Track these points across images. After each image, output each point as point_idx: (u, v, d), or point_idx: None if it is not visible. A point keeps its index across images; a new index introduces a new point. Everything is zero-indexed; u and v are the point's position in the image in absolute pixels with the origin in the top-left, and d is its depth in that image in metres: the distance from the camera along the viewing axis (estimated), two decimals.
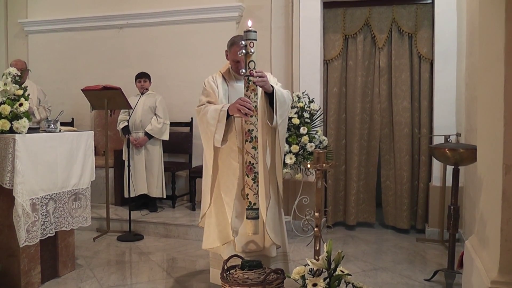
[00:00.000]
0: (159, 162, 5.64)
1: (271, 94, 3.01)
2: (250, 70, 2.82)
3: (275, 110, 3.03)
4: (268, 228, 3.16)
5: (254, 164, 2.85)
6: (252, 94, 2.85)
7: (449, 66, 4.85)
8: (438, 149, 3.59)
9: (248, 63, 2.82)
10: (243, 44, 2.80)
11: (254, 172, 2.86)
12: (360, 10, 5.26)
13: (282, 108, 3.09)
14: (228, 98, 3.24)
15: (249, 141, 2.85)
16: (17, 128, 3.33)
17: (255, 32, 2.81)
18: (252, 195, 2.86)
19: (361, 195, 5.40)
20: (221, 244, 3.23)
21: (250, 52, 2.80)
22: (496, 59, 2.14)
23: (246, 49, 2.80)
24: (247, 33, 2.81)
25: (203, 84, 3.32)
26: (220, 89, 3.25)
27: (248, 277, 2.72)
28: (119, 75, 6.20)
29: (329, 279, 2.63)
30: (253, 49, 2.79)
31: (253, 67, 2.82)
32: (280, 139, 3.17)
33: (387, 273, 3.94)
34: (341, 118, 5.43)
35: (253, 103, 2.84)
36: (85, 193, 3.96)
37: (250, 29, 2.82)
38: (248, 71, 2.82)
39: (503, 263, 2.07)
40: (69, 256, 3.93)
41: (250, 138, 2.85)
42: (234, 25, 5.80)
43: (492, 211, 2.24)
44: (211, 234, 3.29)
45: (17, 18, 6.79)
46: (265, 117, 3.08)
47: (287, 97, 3.18)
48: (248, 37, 2.80)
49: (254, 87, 2.85)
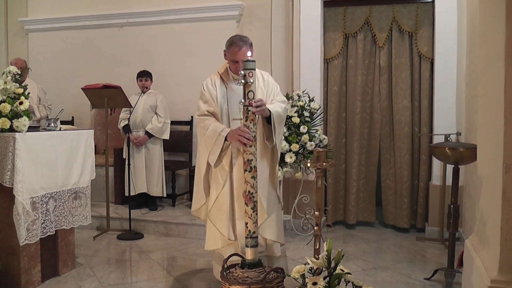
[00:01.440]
0: (160, 161, 5.64)
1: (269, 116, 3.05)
2: (250, 101, 2.80)
3: (274, 131, 3.08)
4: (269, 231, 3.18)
5: (253, 194, 2.84)
6: (251, 124, 2.84)
7: (450, 65, 4.85)
8: (438, 148, 3.59)
9: (247, 93, 2.80)
10: (242, 74, 2.78)
11: (253, 201, 2.84)
12: (361, 9, 5.25)
13: (279, 127, 3.15)
14: (226, 100, 3.23)
15: (248, 170, 2.83)
16: (17, 127, 3.33)
17: (253, 62, 2.79)
18: (252, 223, 2.84)
19: (361, 194, 5.40)
20: (222, 247, 3.24)
21: (249, 82, 2.78)
22: (497, 58, 2.14)
23: (245, 79, 2.77)
24: (246, 63, 2.78)
25: (202, 88, 3.30)
26: (218, 91, 3.24)
27: (248, 276, 2.72)
28: (119, 74, 6.20)
29: (329, 278, 2.63)
30: (252, 79, 2.77)
31: (252, 97, 2.80)
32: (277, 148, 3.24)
33: (387, 272, 3.94)
34: (341, 117, 5.43)
35: (252, 133, 2.83)
36: (85, 192, 3.96)
37: (249, 59, 2.80)
38: (247, 101, 2.80)
39: (503, 262, 2.07)
40: (69, 255, 3.93)
41: (249, 168, 2.83)
42: (234, 23, 5.80)
43: (492, 210, 2.24)
44: (213, 235, 3.29)
45: (17, 16, 6.79)
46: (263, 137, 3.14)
47: (284, 113, 3.22)
48: (247, 67, 2.77)
49: (253, 117, 2.84)
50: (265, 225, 3.18)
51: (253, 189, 2.84)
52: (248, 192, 2.84)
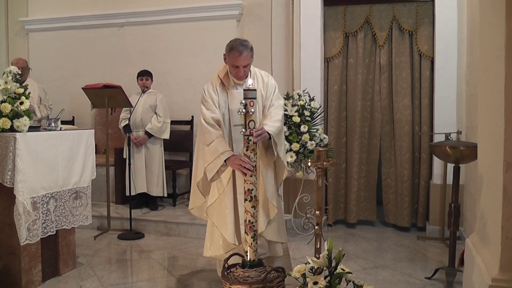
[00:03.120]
0: (160, 161, 5.64)
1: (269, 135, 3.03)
2: (250, 130, 2.78)
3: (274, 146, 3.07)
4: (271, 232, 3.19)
5: (253, 223, 2.83)
6: (252, 153, 2.82)
7: (450, 64, 4.85)
8: (438, 147, 3.59)
9: (248, 123, 2.78)
10: (243, 103, 2.75)
11: (253, 230, 2.83)
12: (361, 8, 5.25)
13: (279, 140, 3.15)
14: (228, 106, 3.22)
15: (249, 200, 2.82)
16: (18, 127, 3.33)
17: (254, 91, 2.78)
18: (252, 252, 2.84)
19: (361, 193, 5.40)
20: (224, 253, 3.20)
21: (250, 112, 2.75)
22: (497, 56, 2.14)
23: (246, 108, 2.75)
24: (247, 92, 2.76)
25: (203, 92, 3.25)
26: (220, 97, 3.22)
27: (249, 275, 2.72)
28: (120, 74, 6.19)
29: (329, 277, 2.63)
30: (253, 108, 2.75)
31: (253, 126, 2.78)
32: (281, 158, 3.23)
33: (387, 271, 3.94)
34: (341, 116, 5.42)
35: (253, 162, 2.82)
36: (85, 192, 3.96)
37: (250, 88, 2.78)
38: (248, 131, 2.78)
39: (504, 261, 2.07)
40: (70, 255, 3.93)
41: (250, 198, 2.82)
42: (234, 23, 5.80)
43: (493, 209, 2.24)
44: (214, 241, 3.26)
45: (18, 16, 6.78)
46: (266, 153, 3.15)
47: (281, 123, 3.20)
48: (248, 96, 2.75)
49: (254, 147, 2.83)
50: (270, 228, 3.18)
51: (254, 219, 2.82)
52: (249, 222, 2.83)
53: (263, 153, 3.17)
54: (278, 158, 3.20)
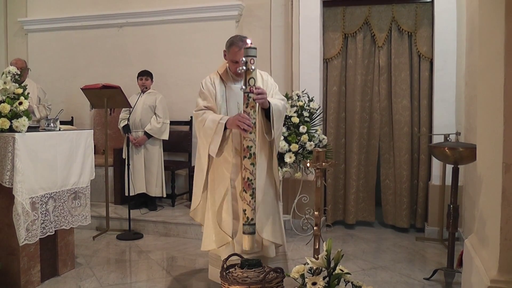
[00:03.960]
0: (159, 161, 5.63)
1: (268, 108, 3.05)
2: (250, 87, 2.82)
3: (272, 124, 3.07)
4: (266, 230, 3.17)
5: (252, 180, 2.85)
6: (251, 111, 2.86)
7: (449, 65, 4.85)
8: (437, 148, 3.59)
9: (248, 80, 2.82)
10: (243, 60, 2.80)
11: (252, 188, 2.86)
12: (360, 9, 5.26)
13: (278, 122, 3.14)
14: (225, 100, 3.24)
15: (248, 157, 2.85)
16: (17, 127, 3.33)
17: (255, 49, 2.81)
18: (250, 210, 2.86)
19: (360, 194, 5.40)
20: (217, 247, 3.23)
21: (250, 69, 2.80)
22: (496, 58, 2.14)
23: (247, 65, 2.79)
24: (248, 50, 2.80)
25: (201, 85, 3.31)
26: (217, 90, 3.24)
27: (248, 276, 2.72)
28: (119, 74, 6.20)
29: (328, 278, 2.63)
30: (253, 66, 2.79)
31: (253, 84, 2.82)
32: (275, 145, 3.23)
33: (386, 272, 3.94)
34: (340, 117, 5.43)
35: (252, 119, 2.85)
36: (84, 192, 3.95)
37: (251, 46, 2.82)
38: (248, 88, 2.82)
39: (502, 262, 2.07)
40: (68, 255, 3.93)
41: (249, 155, 2.85)
42: (233, 23, 5.80)
43: (492, 210, 2.24)
44: (208, 236, 3.29)
45: (17, 16, 6.78)
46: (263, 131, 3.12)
47: (283, 109, 3.22)
48: (248, 54, 2.79)
49: (253, 104, 2.87)
50: (263, 224, 3.17)
51: (252, 176, 2.86)
52: (247, 179, 2.85)
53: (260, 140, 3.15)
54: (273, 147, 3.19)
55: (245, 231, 2.88)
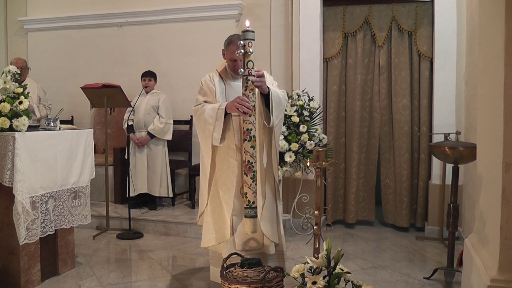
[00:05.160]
0: (163, 161, 5.62)
1: (267, 95, 3.03)
2: (249, 70, 2.83)
3: (271, 111, 3.05)
4: (264, 227, 3.16)
5: (252, 163, 2.87)
6: (250, 93, 2.87)
7: (449, 64, 4.85)
8: (437, 147, 3.59)
9: (246, 63, 2.83)
10: (241, 44, 2.81)
11: (252, 171, 2.88)
12: (360, 8, 5.25)
13: (278, 109, 3.11)
14: (225, 97, 3.25)
15: (248, 140, 2.86)
16: (17, 126, 3.33)
17: (253, 32, 2.84)
18: (251, 193, 2.87)
19: (360, 193, 5.40)
20: (217, 243, 3.24)
21: (248, 52, 2.81)
22: (496, 57, 2.14)
23: (245, 48, 2.81)
24: (245, 33, 2.82)
25: (200, 83, 3.32)
26: (217, 88, 3.25)
27: (248, 275, 2.72)
28: (119, 73, 6.20)
29: (328, 277, 2.63)
30: (251, 48, 2.81)
31: (252, 66, 2.83)
32: (276, 138, 3.19)
33: (386, 271, 3.94)
34: (340, 116, 5.43)
35: (252, 102, 2.86)
36: (84, 191, 3.96)
37: (248, 29, 2.84)
38: (246, 71, 2.83)
39: (502, 261, 2.07)
40: (68, 254, 3.93)
41: (249, 138, 2.86)
42: (233, 23, 5.80)
43: (492, 209, 2.24)
44: (208, 232, 3.30)
45: (17, 16, 6.78)
46: (262, 118, 3.08)
47: (283, 98, 3.20)
48: (246, 37, 2.81)
49: (252, 87, 2.87)
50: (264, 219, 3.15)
51: (253, 159, 2.87)
52: (248, 162, 2.87)
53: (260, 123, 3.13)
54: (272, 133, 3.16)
55: (247, 215, 2.89)
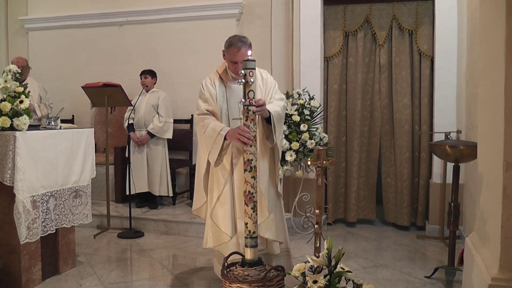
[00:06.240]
0: (163, 160, 5.61)
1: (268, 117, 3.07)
2: (250, 100, 2.80)
3: (274, 131, 3.09)
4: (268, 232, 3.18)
5: (253, 194, 2.84)
6: (251, 123, 2.84)
7: (450, 63, 4.85)
8: (438, 146, 3.59)
9: (247, 93, 2.80)
10: (242, 73, 2.78)
11: (253, 201, 2.84)
12: (360, 7, 5.25)
13: (279, 126, 3.16)
14: (226, 99, 3.24)
15: (248, 170, 2.83)
16: (18, 125, 3.33)
17: (254, 61, 2.80)
18: (251, 223, 2.84)
19: (361, 192, 5.40)
20: (214, 246, 3.27)
21: (249, 82, 2.78)
22: (497, 56, 2.14)
23: (246, 78, 2.77)
24: (247, 63, 2.78)
25: (201, 87, 3.31)
26: (218, 91, 3.25)
27: (249, 274, 2.72)
28: (120, 72, 6.20)
29: (329, 276, 2.63)
30: (252, 78, 2.77)
31: (252, 96, 2.81)
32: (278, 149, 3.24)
33: (387, 270, 3.94)
34: (341, 115, 5.42)
35: (253, 132, 2.84)
36: (85, 190, 3.96)
37: (249, 58, 2.80)
38: (247, 101, 2.81)
39: (503, 260, 2.07)
40: (69, 253, 3.93)
41: (249, 168, 2.83)
42: (234, 22, 5.79)
43: (493, 208, 2.24)
44: (207, 234, 3.32)
45: (17, 15, 6.78)
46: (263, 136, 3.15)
47: (283, 112, 3.23)
48: (247, 66, 2.77)
49: (253, 117, 2.85)
50: (265, 224, 3.18)
51: (253, 189, 2.84)
52: (248, 192, 2.84)
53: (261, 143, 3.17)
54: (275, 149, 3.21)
55: (247, 245, 2.87)
